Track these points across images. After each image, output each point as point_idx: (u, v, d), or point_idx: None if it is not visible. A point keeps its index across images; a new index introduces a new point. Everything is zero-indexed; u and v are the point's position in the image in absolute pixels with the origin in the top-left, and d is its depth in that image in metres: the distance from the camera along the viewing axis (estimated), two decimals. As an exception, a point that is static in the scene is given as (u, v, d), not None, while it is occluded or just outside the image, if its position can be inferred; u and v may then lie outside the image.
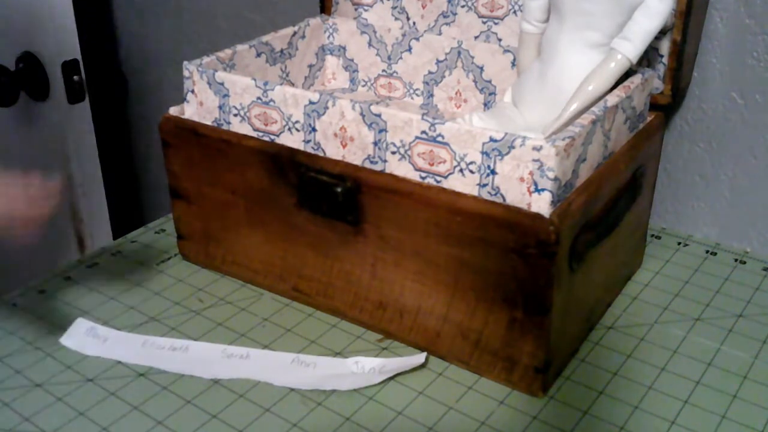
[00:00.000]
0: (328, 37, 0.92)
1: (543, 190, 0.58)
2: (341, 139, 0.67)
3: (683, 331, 0.72)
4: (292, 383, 0.65)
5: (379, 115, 0.64)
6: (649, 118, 0.75)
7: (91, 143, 1.25)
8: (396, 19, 0.89)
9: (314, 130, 0.68)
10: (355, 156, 0.67)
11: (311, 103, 0.67)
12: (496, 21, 0.83)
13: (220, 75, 0.72)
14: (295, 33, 0.87)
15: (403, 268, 0.67)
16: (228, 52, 0.78)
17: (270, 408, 0.63)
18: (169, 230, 0.88)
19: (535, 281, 0.60)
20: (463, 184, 0.62)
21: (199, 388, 0.65)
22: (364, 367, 0.66)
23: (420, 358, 0.67)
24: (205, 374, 0.66)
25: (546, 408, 0.63)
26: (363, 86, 0.94)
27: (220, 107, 0.73)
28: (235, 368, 0.67)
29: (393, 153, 0.64)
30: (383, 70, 0.92)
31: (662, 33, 0.72)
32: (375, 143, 0.65)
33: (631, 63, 0.67)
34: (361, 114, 0.65)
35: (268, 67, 0.84)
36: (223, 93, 0.72)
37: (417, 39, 0.88)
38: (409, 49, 0.89)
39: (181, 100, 0.76)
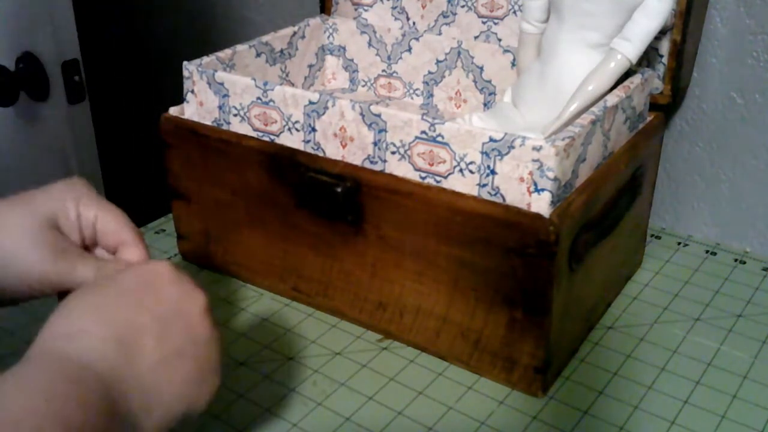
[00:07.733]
0: (328, 37, 0.92)
1: (543, 190, 0.58)
2: (341, 139, 0.67)
3: (683, 331, 0.72)
4: None
5: (378, 115, 0.64)
6: (649, 118, 0.75)
7: (91, 143, 1.25)
8: (396, 19, 0.89)
9: (314, 130, 0.68)
10: (354, 156, 0.67)
11: (311, 103, 0.67)
12: (496, 21, 0.83)
13: (220, 75, 0.72)
14: (295, 33, 0.87)
15: (403, 268, 0.67)
16: (228, 52, 0.78)
17: (270, 408, 0.63)
18: (169, 230, 0.88)
19: (535, 281, 0.60)
20: (463, 184, 0.62)
21: (199, 388, 0.65)
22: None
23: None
24: None
25: (546, 408, 0.63)
26: (363, 86, 0.94)
27: (219, 107, 0.73)
28: None
29: (393, 153, 0.64)
30: (383, 70, 0.91)
31: (662, 33, 0.72)
32: (375, 143, 0.65)
33: (631, 63, 0.67)
34: (361, 114, 0.65)
35: (268, 67, 0.84)
36: (223, 93, 0.72)
37: (417, 39, 0.88)
38: (409, 49, 0.89)
39: (181, 100, 0.76)
